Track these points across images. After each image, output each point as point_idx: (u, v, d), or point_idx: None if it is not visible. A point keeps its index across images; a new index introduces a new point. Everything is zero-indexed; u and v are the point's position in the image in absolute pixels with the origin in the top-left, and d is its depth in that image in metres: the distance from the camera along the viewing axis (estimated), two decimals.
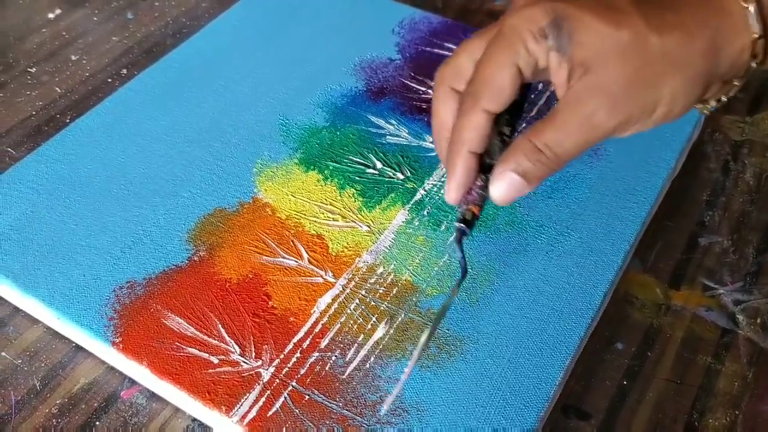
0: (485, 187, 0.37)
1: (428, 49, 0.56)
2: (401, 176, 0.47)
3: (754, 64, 0.35)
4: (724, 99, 0.37)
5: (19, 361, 0.40)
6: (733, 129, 0.54)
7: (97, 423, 0.38)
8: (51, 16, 0.62)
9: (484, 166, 0.37)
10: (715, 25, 0.33)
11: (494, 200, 0.36)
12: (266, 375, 0.38)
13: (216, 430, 0.38)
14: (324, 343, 0.39)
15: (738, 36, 0.34)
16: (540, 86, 0.53)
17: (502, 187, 0.35)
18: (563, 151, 0.34)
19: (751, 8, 0.33)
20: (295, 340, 0.39)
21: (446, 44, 0.56)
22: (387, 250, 0.43)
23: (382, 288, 0.42)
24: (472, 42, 0.38)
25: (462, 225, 0.38)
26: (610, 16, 0.33)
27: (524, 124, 0.50)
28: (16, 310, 0.42)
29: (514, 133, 0.38)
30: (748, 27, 0.34)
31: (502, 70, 0.35)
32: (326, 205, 0.46)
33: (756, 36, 0.34)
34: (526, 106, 0.39)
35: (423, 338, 0.37)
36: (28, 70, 0.57)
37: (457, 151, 0.37)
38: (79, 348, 0.41)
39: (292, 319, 0.40)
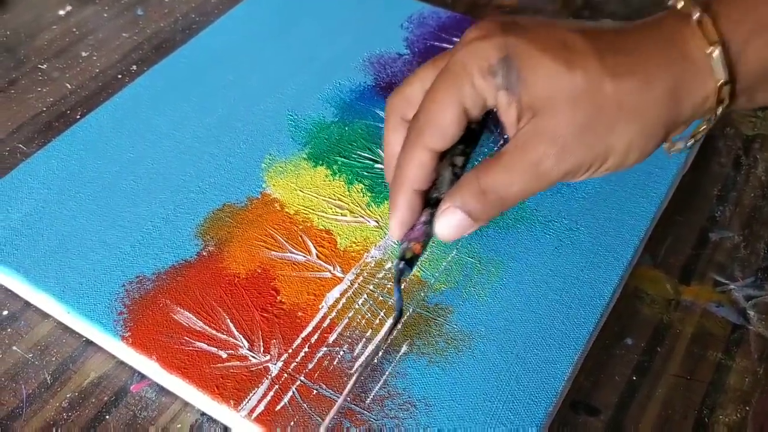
0: (430, 222, 0.35)
1: (437, 44, 0.56)
2: None
3: (720, 109, 0.32)
4: (691, 142, 0.35)
5: (30, 355, 0.41)
6: (744, 123, 0.53)
7: (107, 417, 0.38)
8: (61, 12, 0.62)
9: (431, 200, 0.36)
10: (677, 71, 0.31)
11: (439, 237, 0.35)
12: (274, 369, 0.38)
13: (231, 427, 0.38)
14: (332, 338, 0.39)
15: (701, 82, 0.31)
16: None
17: (448, 224, 0.34)
18: (509, 194, 0.33)
19: (716, 53, 0.31)
20: (303, 334, 0.39)
21: (455, 39, 0.56)
22: (395, 245, 0.43)
23: (390, 283, 0.42)
24: (425, 70, 0.36)
25: (402, 263, 0.36)
26: (564, 56, 0.31)
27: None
28: (27, 304, 0.43)
29: (468, 164, 0.36)
30: (711, 72, 0.31)
31: (447, 108, 0.33)
32: (334, 200, 0.46)
33: (721, 82, 0.31)
34: (483, 135, 0.37)
35: (350, 383, 0.37)
36: (39, 66, 0.57)
37: (399, 187, 0.35)
38: (89, 342, 0.41)
39: (300, 314, 0.40)
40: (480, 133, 0.37)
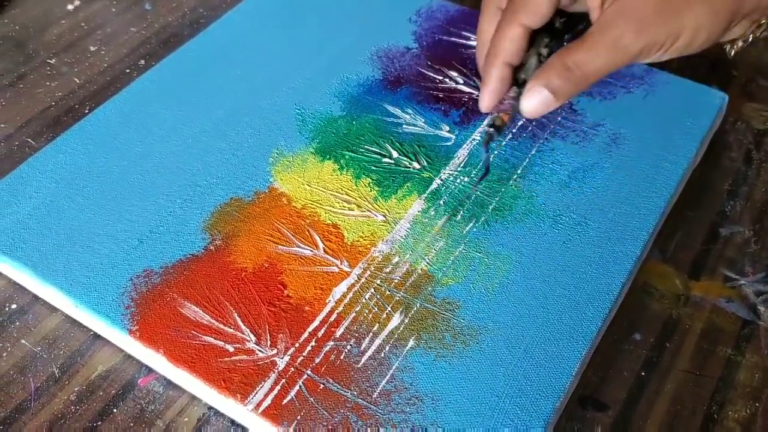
0: (517, 99, 0.39)
1: (445, 37, 0.56)
2: (417, 165, 0.47)
3: None
4: (750, 38, 0.39)
5: (39, 348, 0.41)
6: (755, 117, 0.53)
7: (115, 410, 0.38)
8: (70, 7, 0.62)
9: (519, 81, 0.40)
10: None
11: (524, 113, 0.38)
12: (281, 364, 0.38)
13: (238, 420, 0.38)
14: (339, 332, 0.39)
15: None
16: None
17: (533, 101, 0.38)
18: (591, 70, 0.37)
19: None
20: (310, 329, 0.39)
21: (463, 33, 0.56)
22: (402, 240, 0.43)
23: (398, 277, 0.41)
24: None
25: (491, 129, 0.40)
26: None
27: None
28: (36, 298, 0.43)
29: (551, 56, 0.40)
30: None
31: None
32: (342, 194, 0.45)
33: None
34: (567, 36, 0.41)
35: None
36: (48, 61, 0.57)
37: (492, 60, 0.39)
38: (97, 336, 0.41)
39: (307, 308, 0.40)
40: (564, 33, 0.41)
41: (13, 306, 0.43)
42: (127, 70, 0.56)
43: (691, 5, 0.36)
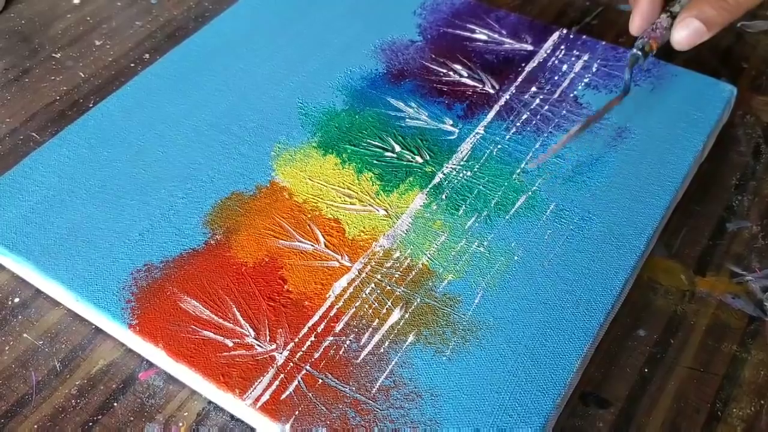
0: (668, 29, 0.42)
1: (450, 30, 0.55)
2: (420, 160, 0.47)
3: None
4: None
5: (41, 342, 0.41)
6: (764, 111, 0.52)
7: (115, 404, 0.39)
8: (76, 1, 0.62)
9: (672, 12, 0.42)
10: None
11: (675, 43, 0.40)
12: (280, 359, 0.38)
13: (248, 420, 0.38)
14: (338, 327, 0.39)
15: None
16: None
17: (684, 31, 0.39)
18: None
19: None
20: (309, 324, 0.39)
21: (469, 25, 0.55)
22: (404, 235, 0.43)
23: (398, 272, 0.41)
24: None
25: (638, 52, 0.43)
26: None
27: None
28: (38, 292, 0.43)
29: None
30: None
31: None
32: (344, 188, 0.45)
33: None
34: None
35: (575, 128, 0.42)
36: (53, 55, 0.57)
37: None
38: (98, 330, 0.41)
39: (307, 303, 0.40)
40: None
41: (16, 300, 0.43)
42: (132, 64, 0.56)
43: None
